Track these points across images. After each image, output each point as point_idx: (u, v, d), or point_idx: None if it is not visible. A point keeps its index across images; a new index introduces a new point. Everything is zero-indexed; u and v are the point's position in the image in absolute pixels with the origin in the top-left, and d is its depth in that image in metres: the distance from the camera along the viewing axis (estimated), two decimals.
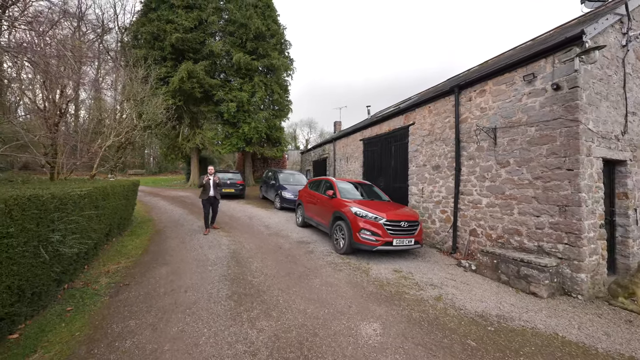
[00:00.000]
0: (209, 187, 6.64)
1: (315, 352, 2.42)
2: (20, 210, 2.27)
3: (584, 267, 3.98)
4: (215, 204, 6.84)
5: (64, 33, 6.80)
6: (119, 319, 2.88)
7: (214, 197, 6.71)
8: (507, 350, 2.61)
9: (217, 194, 6.77)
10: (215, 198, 6.74)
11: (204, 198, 6.61)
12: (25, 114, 4.81)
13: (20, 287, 2.39)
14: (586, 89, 4.22)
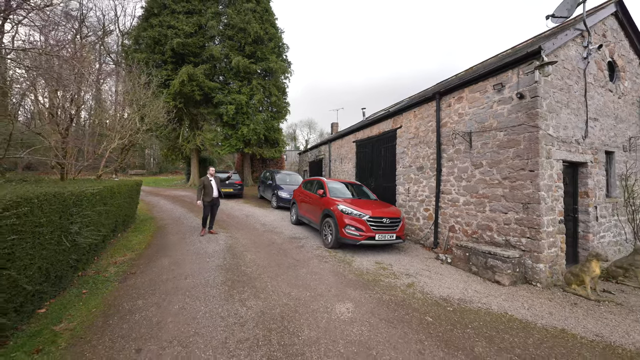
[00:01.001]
0: (212, 189, 6.46)
1: (294, 324, 2.89)
2: (48, 204, 2.74)
3: (543, 258, 4.44)
4: (215, 206, 6.65)
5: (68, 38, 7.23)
6: (128, 299, 3.34)
7: (217, 199, 6.60)
8: (458, 324, 3.07)
9: (219, 196, 6.68)
10: (217, 200, 6.62)
11: (207, 200, 6.39)
12: (39, 121, 5.25)
13: (47, 270, 2.85)
14: (546, 97, 4.68)
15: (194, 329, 2.74)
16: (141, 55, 15.28)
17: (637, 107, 6.34)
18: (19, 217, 2.23)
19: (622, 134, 5.98)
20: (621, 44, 6.07)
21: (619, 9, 5.84)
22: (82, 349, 2.39)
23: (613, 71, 6.04)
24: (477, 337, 2.84)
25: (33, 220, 2.47)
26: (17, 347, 2.33)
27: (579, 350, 2.71)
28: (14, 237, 2.19)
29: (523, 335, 2.94)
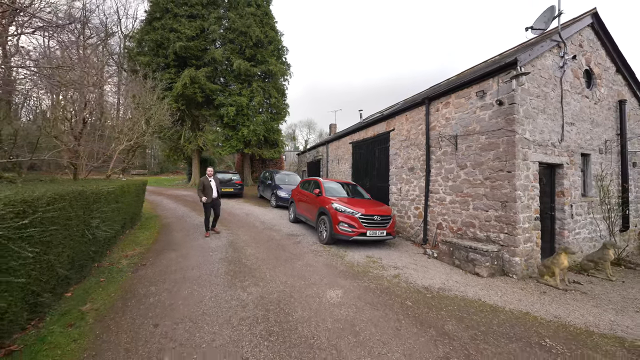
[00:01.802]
0: (211, 190, 6.55)
1: (289, 306, 3.30)
2: (75, 201, 3.14)
3: (519, 252, 4.85)
4: (217, 206, 6.76)
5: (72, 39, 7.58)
6: (142, 286, 3.75)
7: (217, 199, 6.71)
8: (434, 307, 3.48)
9: (218, 196, 6.78)
10: (217, 200, 6.73)
11: (209, 201, 6.49)
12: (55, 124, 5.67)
13: (73, 258, 3.26)
14: (523, 104, 5.09)
15: (201, 309, 3.15)
16: (144, 59, 15.70)
17: (614, 111, 6.75)
18: (56, 211, 2.64)
19: (598, 137, 6.39)
20: (598, 53, 6.47)
21: (595, 20, 6.25)
22: (107, 324, 2.80)
23: (590, 78, 6.45)
24: (449, 317, 3.25)
25: (65, 215, 2.87)
26: (52, 322, 2.73)
27: (536, 328, 3.12)
28: (53, 228, 2.60)
29: (490, 316, 3.34)
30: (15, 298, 2.21)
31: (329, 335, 2.74)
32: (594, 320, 3.38)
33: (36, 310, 2.64)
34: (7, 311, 2.11)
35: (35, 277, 2.44)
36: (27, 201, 2.21)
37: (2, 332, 2.16)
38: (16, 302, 2.23)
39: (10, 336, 2.30)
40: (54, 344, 2.41)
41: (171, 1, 16.35)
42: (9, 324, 2.21)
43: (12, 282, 2.08)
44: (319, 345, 2.57)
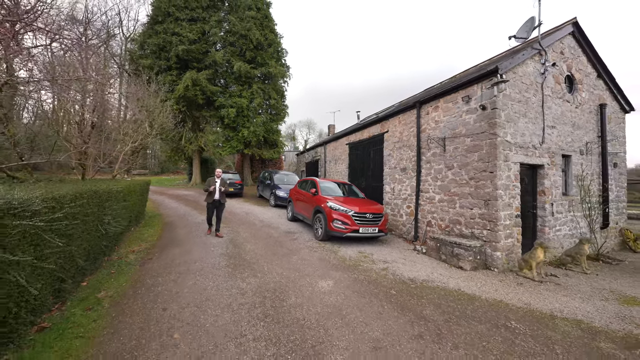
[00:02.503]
0: (215, 191, 6.57)
1: (284, 294, 3.65)
2: (91, 199, 3.49)
3: (500, 247, 5.20)
4: (220, 208, 6.69)
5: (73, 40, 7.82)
6: (150, 277, 4.10)
7: (219, 201, 6.61)
8: (415, 296, 3.83)
9: (222, 197, 6.66)
10: (219, 202, 6.63)
11: (209, 201, 6.57)
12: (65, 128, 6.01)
13: (89, 251, 3.61)
14: (505, 109, 5.44)
15: (205, 296, 3.50)
16: (147, 61, 16.05)
17: (595, 115, 7.09)
18: (77, 207, 2.98)
19: (579, 139, 6.73)
20: (579, 60, 6.82)
21: (576, 29, 6.59)
22: (121, 308, 3.15)
23: (572, 84, 6.79)
24: (428, 304, 3.59)
25: (84, 211, 3.22)
26: (73, 306, 3.08)
27: (506, 313, 3.47)
28: (75, 222, 2.94)
29: (466, 303, 3.69)
30: (45, 282, 2.55)
31: (318, 317, 3.09)
32: (559, 307, 3.73)
33: (59, 296, 2.98)
34: (40, 293, 2.46)
35: (60, 265, 2.79)
36: (56, 198, 2.56)
37: (35, 312, 2.50)
38: (46, 286, 2.58)
39: (40, 316, 2.64)
40: (77, 324, 2.76)
41: (173, 5, 16.69)
42: (40, 305, 2.56)
43: (45, 268, 2.43)
44: (308, 325, 2.92)
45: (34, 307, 2.47)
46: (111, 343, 2.50)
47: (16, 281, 2.05)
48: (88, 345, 2.46)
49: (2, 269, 1.93)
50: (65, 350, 2.36)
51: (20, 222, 2.02)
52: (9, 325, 2.15)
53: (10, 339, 2.19)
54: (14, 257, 1.95)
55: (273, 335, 2.71)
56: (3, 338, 2.12)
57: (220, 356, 2.38)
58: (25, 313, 2.32)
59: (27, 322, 2.40)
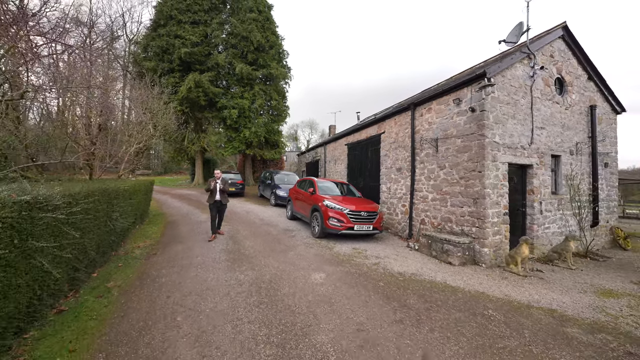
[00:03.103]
0: (215, 191, 6.53)
1: (278, 284, 3.92)
2: (101, 196, 3.80)
3: (487, 244, 5.43)
4: (221, 209, 6.64)
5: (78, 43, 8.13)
6: (155, 269, 4.40)
7: (220, 202, 6.54)
8: (402, 287, 4.08)
9: (223, 198, 6.57)
10: (221, 203, 6.56)
11: (210, 202, 6.55)
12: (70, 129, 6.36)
13: (99, 244, 3.92)
14: (493, 111, 5.66)
15: (205, 286, 3.79)
16: (150, 64, 16.46)
17: (585, 116, 7.27)
18: (90, 203, 3.29)
19: (569, 140, 6.92)
20: (569, 62, 7.00)
21: (565, 33, 6.78)
22: (129, 296, 3.45)
23: (562, 86, 6.98)
24: (413, 295, 3.85)
25: (95, 207, 3.52)
26: (85, 294, 3.39)
27: (485, 303, 3.71)
28: (87, 217, 3.25)
29: (449, 295, 3.94)
30: (63, 270, 2.85)
31: (309, 305, 3.36)
32: (537, 298, 3.96)
33: (74, 284, 3.29)
34: (58, 279, 2.76)
35: (75, 255, 3.09)
36: (72, 195, 2.86)
37: (55, 296, 2.81)
38: (63, 273, 2.88)
39: (58, 300, 2.95)
40: (90, 308, 3.06)
41: (175, 8, 17.07)
42: (58, 290, 2.86)
43: (63, 257, 2.73)
44: (299, 311, 3.19)
45: (54, 291, 2.77)
46: (121, 324, 2.80)
47: (41, 266, 2.35)
48: (101, 325, 2.76)
49: (30, 255, 2.22)
50: (82, 330, 2.65)
51: (44, 214, 2.31)
52: (34, 306, 2.45)
53: (35, 318, 2.49)
54: (40, 244, 2.24)
55: (266, 319, 2.99)
56: (29, 317, 2.42)
57: (218, 335, 2.66)
58: (46, 296, 2.62)
59: (48, 305, 2.70)
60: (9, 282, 2.03)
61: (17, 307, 2.19)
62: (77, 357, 2.28)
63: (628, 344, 2.87)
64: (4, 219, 1.88)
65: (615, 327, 3.23)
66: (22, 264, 2.17)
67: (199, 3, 17.44)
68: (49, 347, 2.37)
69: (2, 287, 1.97)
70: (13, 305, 2.11)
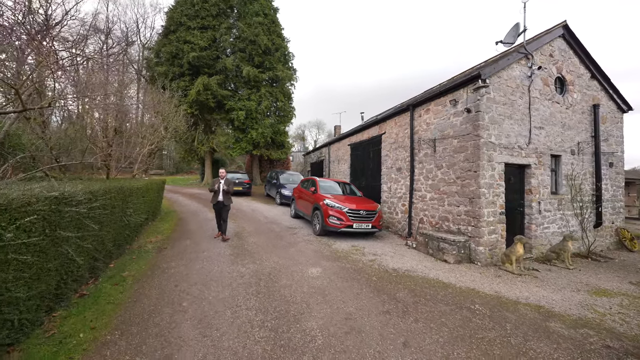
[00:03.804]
0: (218, 192, 6.25)
1: (277, 277, 4.20)
2: (117, 194, 4.18)
3: (483, 243, 5.54)
4: (223, 210, 6.27)
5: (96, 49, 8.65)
6: (164, 262, 4.77)
7: (222, 203, 6.23)
8: (394, 282, 4.28)
9: (226, 199, 6.27)
10: (223, 204, 6.23)
11: (213, 203, 6.37)
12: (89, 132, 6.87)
13: (115, 237, 4.31)
14: (489, 112, 5.75)
15: (210, 277, 4.11)
16: (161, 69, 17.14)
17: (588, 115, 7.21)
18: (107, 200, 3.66)
19: (570, 139, 6.89)
20: (570, 61, 6.97)
21: (566, 32, 6.76)
22: (142, 284, 3.80)
23: (563, 85, 6.96)
24: (404, 289, 4.04)
25: (112, 203, 3.91)
26: (103, 282, 3.77)
27: (474, 298, 3.86)
28: (105, 212, 3.62)
29: (440, 290, 4.11)
30: (84, 259, 3.23)
31: (303, 295, 3.62)
32: (527, 295, 4.08)
33: (93, 272, 3.67)
34: (81, 267, 3.13)
35: (94, 246, 3.47)
36: (92, 192, 3.22)
37: (77, 282, 3.18)
38: (85, 262, 3.26)
39: (80, 286, 3.33)
40: (107, 294, 3.43)
41: (184, 15, 17.71)
42: (80, 277, 3.24)
43: (85, 247, 3.10)
44: (293, 301, 3.45)
45: (77, 277, 3.14)
46: (135, 307, 3.14)
47: (67, 254, 2.71)
48: (117, 308, 3.11)
49: (58, 243, 2.58)
50: (101, 311, 3.01)
51: (69, 208, 2.67)
52: (61, 288, 2.82)
53: (62, 300, 2.86)
54: (66, 234, 2.60)
55: (262, 306, 3.27)
56: (57, 298, 2.78)
57: (219, 319, 2.96)
58: (71, 281, 2.99)
59: (72, 289, 3.07)
60: (42, 265, 2.39)
61: (48, 288, 2.56)
62: (97, 333, 2.63)
63: (608, 338, 2.99)
64: (37, 212, 2.23)
65: (600, 323, 3.34)
66: (51, 251, 2.52)
67: (207, 9, 18.01)
68: (73, 324, 2.72)
69: (36, 269, 2.32)
70: (44, 285, 2.47)
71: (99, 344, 2.48)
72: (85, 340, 2.52)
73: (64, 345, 2.41)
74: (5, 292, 2.01)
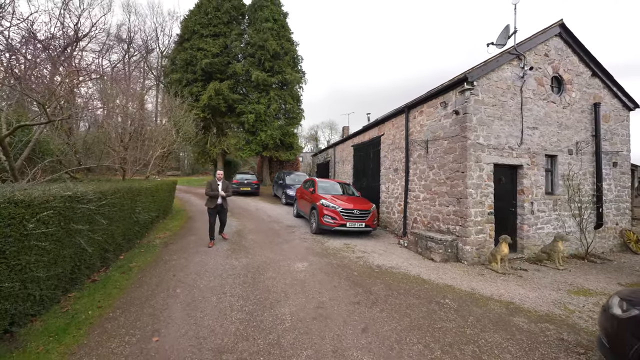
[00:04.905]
0: (217, 195, 6.04)
1: (264, 269, 4.60)
2: (126, 193, 4.76)
3: (469, 242, 5.64)
4: (222, 212, 6.28)
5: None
6: (168, 255, 5.30)
7: (222, 206, 6.17)
8: (373, 277, 4.54)
9: (224, 202, 6.24)
10: (222, 207, 6.18)
11: (210, 206, 6.02)
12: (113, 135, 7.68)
13: (125, 232, 4.89)
14: (477, 113, 5.84)
15: (204, 269, 4.58)
16: (176, 75, 18.19)
17: (589, 114, 7.04)
18: (116, 198, 4.22)
19: (567, 139, 6.78)
20: (568, 60, 6.85)
21: (563, 30, 6.67)
22: (145, 273, 4.32)
23: (560, 84, 6.86)
24: (381, 283, 4.30)
25: (121, 202, 4.47)
26: (113, 271, 4.32)
27: (447, 293, 4.05)
28: (114, 209, 4.18)
29: (416, 285, 4.32)
30: (95, 249, 3.77)
31: (284, 286, 3.98)
32: (503, 293, 4.20)
33: (104, 262, 4.24)
34: (92, 255, 3.67)
35: (104, 239, 4.02)
36: (102, 192, 3.77)
37: (90, 269, 3.73)
38: (96, 252, 3.81)
39: (92, 273, 3.88)
40: (115, 280, 3.96)
41: (198, 23, 18.67)
42: (92, 265, 3.79)
43: (95, 239, 3.64)
44: (274, 290, 3.83)
45: (89, 265, 3.69)
46: (135, 292, 3.64)
47: (79, 244, 3.24)
48: (121, 292, 3.62)
49: (71, 234, 3.11)
50: (108, 294, 3.53)
51: (81, 205, 3.19)
52: (75, 273, 3.36)
53: (76, 283, 3.40)
54: (78, 227, 3.13)
55: (245, 294, 3.67)
56: (72, 281, 3.33)
57: (205, 303, 3.39)
58: (84, 268, 3.54)
59: (85, 275, 3.62)
60: (58, 252, 2.92)
61: (64, 271, 3.09)
62: (102, 311, 3.13)
63: (566, 332, 3.11)
64: (54, 207, 2.75)
65: (564, 319, 3.44)
66: (66, 240, 3.05)
67: (219, 17, 18.88)
68: (84, 303, 3.25)
69: (54, 255, 2.85)
70: (61, 269, 3.00)
71: (103, 319, 2.97)
72: (93, 316, 3.02)
73: (75, 318, 2.92)
74: (29, 271, 2.52)
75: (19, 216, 2.39)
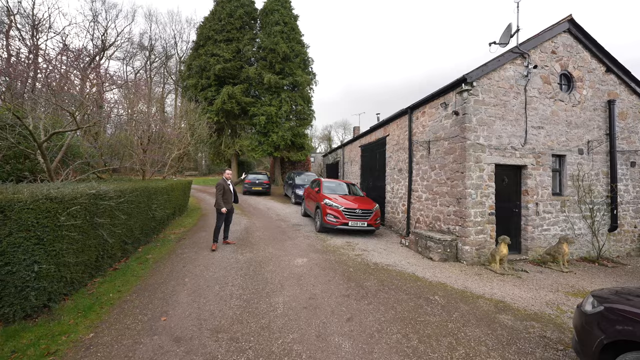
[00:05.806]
0: (231, 194, 5.88)
1: (266, 264, 4.93)
2: (143, 192, 5.28)
3: (469, 242, 5.67)
4: (230, 214, 6.11)
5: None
6: (180, 249, 5.78)
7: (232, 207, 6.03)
8: (368, 273, 4.73)
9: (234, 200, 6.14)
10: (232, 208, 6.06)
11: (228, 208, 5.78)
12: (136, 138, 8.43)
13: (142, 227, 5.42)
14: (477, 114, 5.85)
15: (212, 262, 4.98)
16: (192, 81, 19.14)
17: (602, 112, 6.77)
18: (134, 196, 4.72)
19: (577, 138, 6.57)
20: (579, 56, 6.63)
21: (572, 26, 6.47)
22: (159, 264, 4.80)
23: (570, 82, 6.66)
24: (374, 279, 4.49)
25: (138, 199, 4.98)
26: (132, 261, 4.83)
27: (437, 290, 4.17)
28: (132, 206, 4.68)
29: (409, 282, 4.47)
30: (116, 241, 4.27)
31: (281, 279, 4.29)
32: (496, 292, 4.25)
33: (124, 253, 4.76)
34: (113, 247, 4.17)
35: (124, 232, 4.53)
36: (121, 190, 4.26)
37: (111, 259, 4.24)
38: (116, 244, 4.31)
39: (114, 263, 4.39)
40: (133, 270, 4.45)
41: (212, 29, 19.52)
42: (113, 255, 4.30)
43: (116, 232, 4.14)
44: (271, 282, 4.14)
45: (110, 255, 4.19)
46: (149, 279, 4.09)
47: (102, 236, 3.72)
48: (137, 280, 4.08)
49: (95, 227, 3.59)
50: (126, 281, 4.00)
51: (103, 202, 3.67)
52: (99, 262, 3.85)
53: (99, 270, 3.90)
54: (100, 220, 3.60)
55: (245, 284, 4.01)
56: (97, 269, 3.82)
57: (208, 291, 3.76)
58: (106, 257, 4.03)
59: (107, 264, 4.12)
60: (84, 242, 3.39)
61: (89, 259, 3.57)
62: (121, 295, 3.58)
63: (550, 331, 3.17)
64: (81, 203, 3.22)
65: (553, 319, 3.47)
66: (91, 232, 3.53)
67: (232, 22, 19.62)
68: (106, 288, 3.72)
69: (81, 244, 3.32)
70: (87, 257, 3.48)
71: (121, 301, 3.42)
72: (113, 298, 3.47)
73: (99, 299, 3.39)
74: (61, 257, 2.99)
75: (53, 210, 2.86)
